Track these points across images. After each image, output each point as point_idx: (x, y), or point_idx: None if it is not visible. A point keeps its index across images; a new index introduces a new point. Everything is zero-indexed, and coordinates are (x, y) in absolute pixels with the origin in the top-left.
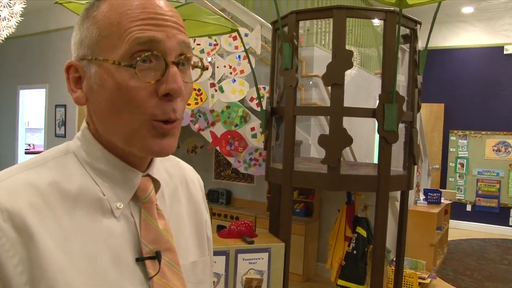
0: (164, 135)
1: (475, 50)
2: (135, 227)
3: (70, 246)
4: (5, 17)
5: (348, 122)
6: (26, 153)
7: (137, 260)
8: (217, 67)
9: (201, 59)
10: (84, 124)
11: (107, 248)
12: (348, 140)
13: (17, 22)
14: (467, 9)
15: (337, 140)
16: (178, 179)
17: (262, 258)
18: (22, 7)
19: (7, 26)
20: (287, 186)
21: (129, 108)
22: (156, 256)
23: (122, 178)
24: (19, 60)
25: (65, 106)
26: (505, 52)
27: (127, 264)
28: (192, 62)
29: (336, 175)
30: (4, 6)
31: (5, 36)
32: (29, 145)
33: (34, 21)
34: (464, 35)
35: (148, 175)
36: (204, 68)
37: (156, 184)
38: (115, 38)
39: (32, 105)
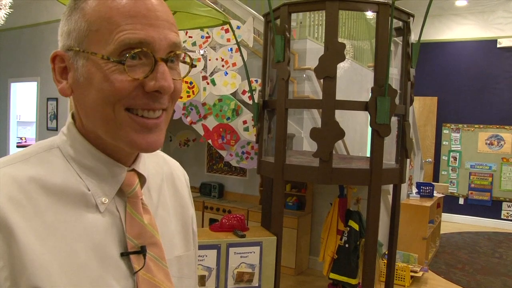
0: (149, 130)
1: (469, 43)
2: (120, 221)
3: (52, 241)
4: None
5: (341, 115)
6: (17, 146)
7: (122, 254)
8: (209, 59)
9: (189, 56)
10: (69, 119)
11: (91, 243)
12: (340, 133)
13: (6, 14)
14: (461, 2)
15: (329, 134)
16: (164, 174)
17: (254, 252)
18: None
19: None
20: (279, 179)
21: (114, 101)
22: (141, 251)
23: (107, 173)
24: (10, 53)
25: (56, 99)
26: (498, 46)
27: (112, 259)
28: (181, 58)
29: (328, 168)
30: None
31: None
32: (21, 138)
33: (25, 13)
34: (457, 28)
35: (134, 170)
36: (193, 65)
37: (142, 179)
38: (105, 33)
39: (23, 98)
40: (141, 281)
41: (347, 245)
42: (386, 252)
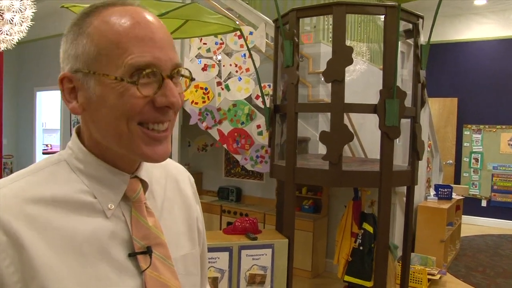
0: (159, 142)
1: (489, 42)
2: (126, 225)
3: (61, 247)
4: (16, 22)
5: (362, 117)
6: (43, 153)
7: (130, 255)
8: (223, 65)
9: (189, 70)
10: (74, 134)
11: (99, 246)
12: (349, 137)
13: (28, 27)
14: (480, 1)
15: (338, 137)
16: (168, 177)
17: (266, 254)
18: (32, 12)
19: (19, 31)
20: (290, 182)
21: (127, 117)
22: (147, 251)
23: (111, 181)
24: (36, 63)
25: None
26: None
27: (120, 260)
28: (182, 73)
29: (337, 171)
30: (16, 12)
31: (17, 41)
32: (46, 145)
33: (49, 24)
34: (477, 28)
35: (136, 177)
36: (192, 79)
37: (144, 184)
38: (115, 57)
39: (48, 106)
40: (148, 279)
41: (361, 248)
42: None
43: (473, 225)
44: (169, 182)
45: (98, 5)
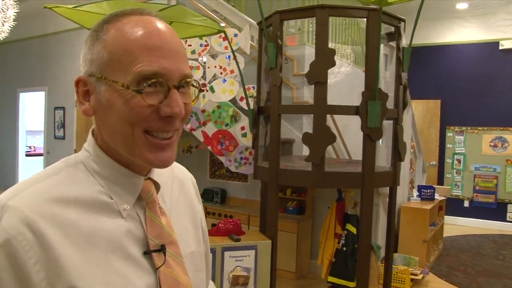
0: (162, 149)
1: (471, 46)
2: (141, 224)
3: (84, 246)
4: None
5: (346, 120)
6: (27, 155)
7: (145, 253)
8: (208, 67)
9: (198, 81)
10: (90, 136)
11: (117, 245)
12: (332, 138)
13: (10, 27)
14: (462, 5)
15: (320, 138)
16: (174, 179)
17: (249, 255)
18: (15, 12)
19: (1, 31)
20: (273, 183)
21: (132, 123)
22: (161, 249)
23: (127, 183)
24: (19, 63)
25: (63, 108)
26: (500, 48)
27: (136, 258)
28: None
29: (320, 172)
30: None
31: None
32: (29, 147)
33: (33, 24)
34: (459, 31)
35: (149, 178)
36: (201, 90)
37: (157, 185)
38: (125, 64)
39: (32, 107)
40: (162, 276)
41: (344, 248)
42: None
43: (456, 225)
44: (175, 183)
45: (117, 13)
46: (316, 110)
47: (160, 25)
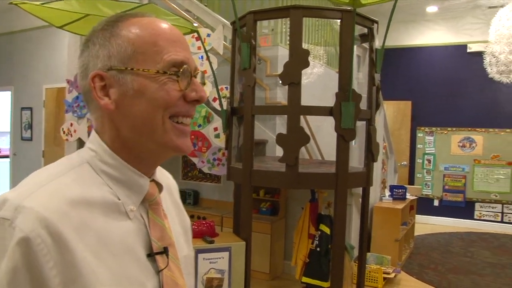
0: (186, 135)
1: (440, 48)
2: (145, 226)
3: (99, 248)
4: None
5: (320, 120)
6: None
7: (149, 255)
8: None
9: (202, 73)
10: (96, 136)
11: (126, 247)
12: (305, 139)
13: None
14: (432, 8)
15: (294, 139)
16: (164, 184)
17: (223, 257)
18: None
19: None
20: (247, 185)
21: (164, 108)
22: (165, 251)
23: (135, 184)
24: None
25: (31, 108)
26: (468, 51)
27: (141, 260)
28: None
29: (294, 173)
30: None
31: None
32: None
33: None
34: (429, 34)
35: (154, 180)
36: (203, 83)
37: (160, 187)
38: (152, 55)
39: None
40: (165, 278)
41: (318, 249)
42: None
43: (426, 224)
44: (166, 187)
45: (124, 15)
46: (290, 111)
47: (169, 24)
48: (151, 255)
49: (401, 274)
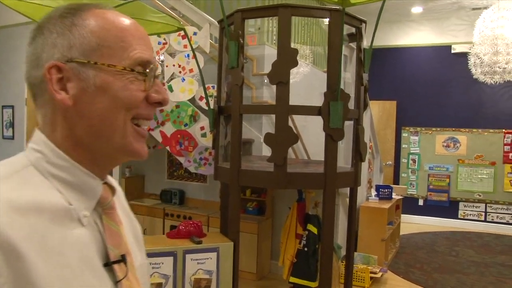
0: (144, 138)
1: (425, 49)
2: (99, 233)
3: (52, 260)
4: None
5: (305, 120)
6: None
7: (106, 264)
8: (166, 66)
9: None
10: (41, 135)
11: (81, 256)
12: (294, 139)
13: None
14: (416, 9)
15: (283, 139)
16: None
17: (211, 258)
18: None
19: None
20: (234, 185)
21: (126, 109)
22: (123, 259)
23: (88, 187)
24: None
25: (12, 107)
26: (452, 51)
27: (97, 270)
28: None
29: (283, 173)
30: None
31: None
32: None
33: None
34: (414, 34)
35: (106, 183)
36: (164, 83)
37: (113, 191)
38: (118, 50)
39: None
40: None
41: (306, 249)
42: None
43: (411, 224)
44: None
45: (86, 4)
46: (278, 110)
47: (133, 20)
48: (108, 264)
49: (387, 273)
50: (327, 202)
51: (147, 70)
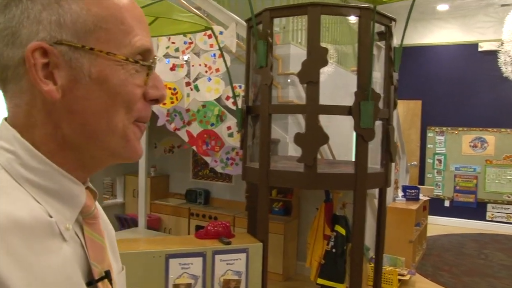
0: (140, 138)
1: (451, 47)
2: (82, 247)
3: (33, 283)
4: None
5: (328, 120)
6: None
7: (89, 283)
8: (192, 65)
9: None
10: (11, 130)
11: (65, 278)
12: (324, 138)
13: None
14: (442, 7)
15: (313, 139)
16: None
17: (240, 259)
18: None
19: None
20: (264, 185)
21: (126, 106)
22: (107, 276)
23: (68, 194)
24: None
25: None
26: (479, 49)
27: None
28: None
29: (313, 173)
30: None
31: None
32: None
33: None
34: (439, 32)
35: (88, 188)
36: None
37: (94, 195)
38: (118, 34)
39: None
40: None
41: (334, 250)
42: (373, 256)
43: (437, 225)
44: None
45: None
46: (308, 110)
47: None
48: (92, 283)
49: (415, 276)
50: (358, 203)
51: (151, 61)
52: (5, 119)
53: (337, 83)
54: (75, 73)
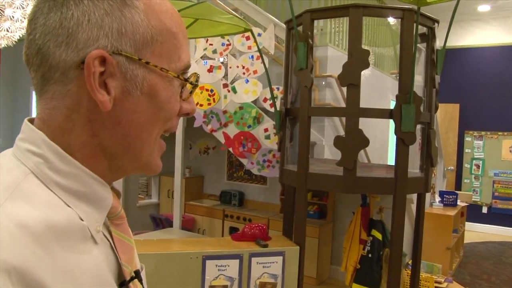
0: (161, 153)
1: (491, 49)
2: (112, 249)
3: None
4: (18, 19)
5: (363, 123)
6: None
7: (121, 284)
8: (230, 67)
9: None
10: (38, 133)
11: (100, 281)
12: (365, 142)
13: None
14: (483, 8)
15: (353, 142)
16: None
17: (276, 262)
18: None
19: (20, 28)
20: (302, 188)
21: (164, 121)
22: (137, 276)
23: (97, 196)
24: None
25: None
26: None
27: None
28: None
29: (352, 177)
30: (17, 8)
31: (18, 38)
32: None
33: None
34: (480, 34)
35: (112, 188)
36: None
37: (119, 196)
38: (170, 49)
39: None
40: None
41: (370, 255)
42: (409, 262)
43: (474, 232)
44: None
45: None
46: (349, 112)
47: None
48: (124, 284)
49: (452, 284)
50: (397, 208)
51: (196, 80)
52: (29, 120)
53: (374, 85)
54: (128, 85)
